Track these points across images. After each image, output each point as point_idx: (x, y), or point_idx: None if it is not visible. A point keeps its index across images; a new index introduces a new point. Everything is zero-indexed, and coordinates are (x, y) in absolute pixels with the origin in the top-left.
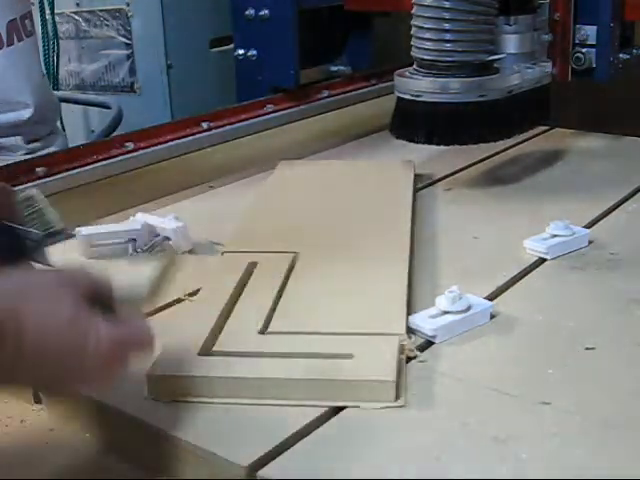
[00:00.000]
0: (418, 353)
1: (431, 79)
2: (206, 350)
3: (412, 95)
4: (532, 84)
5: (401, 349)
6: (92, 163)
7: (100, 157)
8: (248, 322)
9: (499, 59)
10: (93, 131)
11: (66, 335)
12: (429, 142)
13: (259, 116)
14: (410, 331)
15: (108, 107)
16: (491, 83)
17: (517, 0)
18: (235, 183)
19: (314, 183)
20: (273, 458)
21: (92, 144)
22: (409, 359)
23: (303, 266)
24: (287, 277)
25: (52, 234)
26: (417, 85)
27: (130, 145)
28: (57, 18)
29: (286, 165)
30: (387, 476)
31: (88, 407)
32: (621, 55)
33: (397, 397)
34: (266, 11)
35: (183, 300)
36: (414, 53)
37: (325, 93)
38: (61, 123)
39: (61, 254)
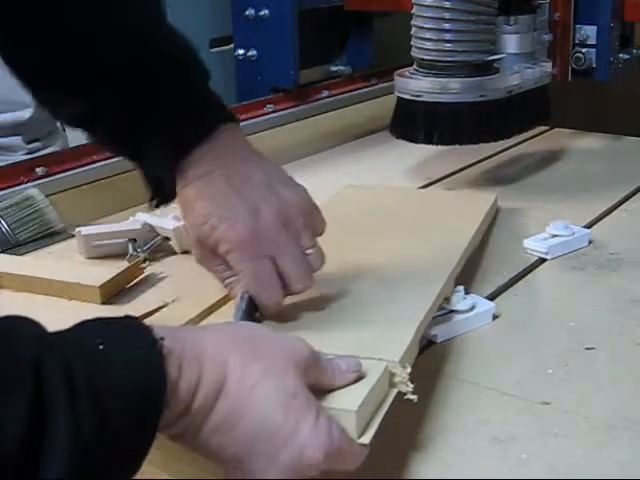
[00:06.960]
0: (410, 387)
1: (431, 79)
2: None
3: (412, 95)
4: (532, 84)
5: (388, 378)
6: (92, 163)
7: (100, 157)
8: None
9: (499, 59)
10: None
11: (275, 415)
12: (429, 142)
13: (259, 116)
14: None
15: None
16: (491, 83)
17: (517, 0)
18: None
19: (375, 210)
20: None
21: (92, 144)
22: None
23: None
24: None
25: (52, 234)
26: (417, 85)
27: None
28: None
29: (350, 190)
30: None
31: None
32: (621, 55)
33: (361, 431)
34: (266, 11)
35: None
36: (414, 53)
37: (325, 93)
38: (61, 123)
39: (61, 254)
